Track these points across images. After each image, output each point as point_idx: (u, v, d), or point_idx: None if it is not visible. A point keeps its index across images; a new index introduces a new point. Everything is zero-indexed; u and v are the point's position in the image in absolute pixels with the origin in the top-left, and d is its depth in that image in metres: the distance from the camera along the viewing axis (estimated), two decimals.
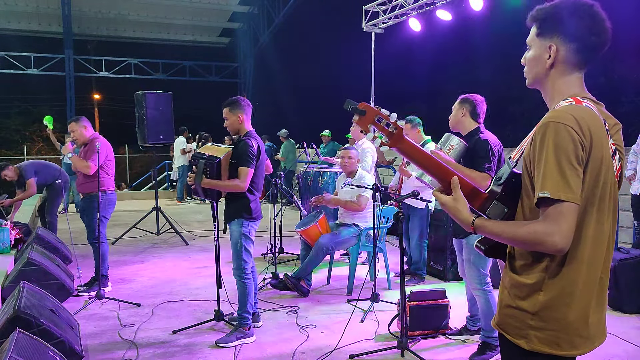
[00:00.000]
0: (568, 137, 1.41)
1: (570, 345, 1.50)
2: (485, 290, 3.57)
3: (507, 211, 1.60)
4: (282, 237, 6.66)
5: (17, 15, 18.76)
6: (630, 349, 3.75)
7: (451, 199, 1.63)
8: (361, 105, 1.65)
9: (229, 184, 3.85)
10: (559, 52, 1.56)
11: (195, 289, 5.32)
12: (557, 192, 1.39)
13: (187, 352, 3.75)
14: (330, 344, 3.83)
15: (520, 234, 1.46)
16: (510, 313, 1.57)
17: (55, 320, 3.42)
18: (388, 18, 9.72)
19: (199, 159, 3.88)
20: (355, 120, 1.65)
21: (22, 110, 26.84)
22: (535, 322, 1.51)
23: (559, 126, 1.42)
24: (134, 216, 9.02)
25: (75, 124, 5.17)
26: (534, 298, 1.51)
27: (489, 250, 1.71)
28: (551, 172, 1.41)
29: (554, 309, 1.49)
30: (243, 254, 3.93)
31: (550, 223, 1.41)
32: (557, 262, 1.49)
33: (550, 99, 1.62)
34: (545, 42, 1.58)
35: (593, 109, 1.52)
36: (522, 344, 1.53)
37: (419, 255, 5.50)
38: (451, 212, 1.64)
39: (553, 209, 1.41)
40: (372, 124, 1.64)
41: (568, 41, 1.54)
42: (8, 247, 5.98)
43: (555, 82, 1.59)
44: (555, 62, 1.57)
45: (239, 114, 3.99)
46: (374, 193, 4.35)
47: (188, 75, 22.14)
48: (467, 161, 3.50)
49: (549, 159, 1.41)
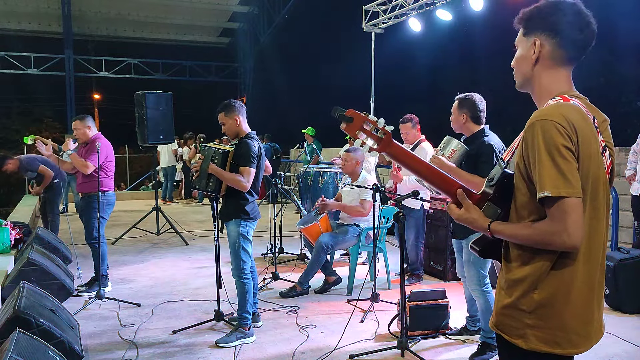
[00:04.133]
0: (556, 132, 1.42)
1: (569, 344, 1.50)
2: (484, 291, 3.56)
3: (500, 212, 1.61)
4: (282, 237, 6.66)
5: (17, 15, 18.77)
6: (630, 349, 3.75)
7: (463, 211, 1.65)
8: (349, 112, 1.66)
9: (233, 177, 3.83)
10: (543, 47, 1.58)
11: (195, 289, 5.32)
12: (556, 189, 1.40)
13: (187, 352, 3.75)
14: (330, 344, 3.83)
15: (531, 236, 1.48)
16: (507, 313, 1.58)
17: (55, 320, 3.42)
18: (388, 18, 9.72)
19: (209, 147, 3.91)
20: (343, 127, 1.66)
21: (22, 110, 26.86)
22: (533, 321, 1.51)
23: (546, 123, 1.43)
24: (133, 216, 9.02)
25: (80, 122, 5.17)
26: (530, 297, 1.52)
27: (483, 251, 1.72)
28: (547, 170, 1.41)
29: (550, 307, 1.49)
30: (241, 254, 3.93)
31: (555, 222, 1.42)
32: (551, 260, 1.49)
33: (539, 98, 1.63)
34: (530, 39, 1.60)
35: (581, 106, 1.52)
36: (520, 343, 1.54)
37: (415, 255, 5.51)
38: (467, 223, 1.65)
39: (556, 208, 1.41)
40: (360, 130, 1.66)
41: (551, 36, 1.56)
42: (8, 247, 5.98)
43: (541, 79, 1.61)
44: (540, 57, 1.59)
45: (234, 116, 3.98)
46: (374, 193, 4.35)
47: (188, 75, 22.16)
48: (470, 164, 3.41)
49: (542, 158, 1.42)
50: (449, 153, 3.36)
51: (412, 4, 9.00)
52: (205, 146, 3.96)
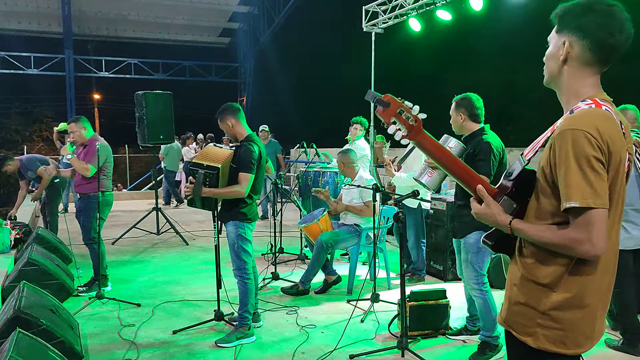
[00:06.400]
0: (587, 143, 1.40)
1: (575, 344, 1.51)
2: (482, 291, 3.56)
3: (516, 207, 1.60)
4: (282, 237, 6.66)
5: (17, 15, 18.79)
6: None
7: (484, 206, 1.63)
8: (385, 97, 1.64)
9: (229, 191, 3.83)
10: (572, 48, 1.54)
11: (195, 289, 5.32)
12: (584, 200, 1.39)
13: (187, 352, 3.75)
14: (330, 344, 3.83)
15: (554, 240, 1.47)
16: (518, 310, 1.58)
17: (55, 320, 3.42)
18: (388, 18, 9.70)
19: (198, 170, 3.80)
20: (379, 111, 1.64)
21: (22, 110, 26.82)
22: (544, 321, 1.52)
23: (577, 133, 1.41)
24: (133, 216, 9.01)
25: (75, 125, 5.14)
26: (546, 297, 1.52)
27: (496, 245, 1.70)
28: (576, 181, 1.40)
29: (564, 309, 1.50)
30: (242, 254, 3.93)
31: (580, 231, 1.41)
32: (569, 264, 1.49)
33: (566, 100, 1.59)
34: (561, 37, 1.56)
35: (612, 113, 1.50)
36: (529, 341, 1.54)
37: (416, 255, 5.51)
38: (487, 218, 1.63)
39: (582, 218, 1.41)
40: (394, 116, 1.63)
41: (581, 38, 1.52)
42: (8, 247, 5.98)
43: (569, 81, 1.57)
44: (569, 58, 1.55)
45: (227, 120, 3.98)
46: (374, 193, 4.35)
47: (188, 75, 22.18)
48: (467, 162, 3.46)
49: (571, 168, 1.41)
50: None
51: (412, 4, 8.99)
52: (194, 166, 3.84)
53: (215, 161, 3.83)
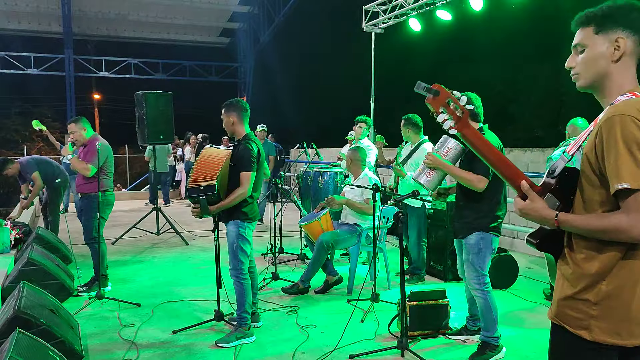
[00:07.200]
0: (635, 127, 1.44)
1: (630, 335, 1.51)
2: (484, 291, 3.56)
3: (559, 205, 1.61)
4: (282, 237, 6.66)
5: (17, 15, 18.80)
6: None
7: (528, 202, 1.63)
8: (435, 86, 1.66)
9: (234, 198, 3.83)
10: (626, 44, 1.58)
11: (195, 289, 5.32)
12: (636, 181, 1.41)
13: (187, 352, 3.75)
14: (330, 344, 3.83)
15: (604, 226, 1.48)
16: (569, 304, 1.58)
17: (55, 320, 3.42)
18: (388, 18, 9.71)
19: (198, 196, 3.77)
20: (429, 100, 1.65)
21: (22, 110, 26.81)
22: (598, 312, 1.52)
23: (625, 118, 1.45)
24: (133, 216, 9.01)
25: (75, 125, 5.15)
26: (597, 288, 1.52)
27: (541, 243, 1.69)
28: (626, 164, 1.43)
29: (617, 299, 1.51)
30: (239, 254, 3.93)
31: (632, 214, 1.42)
32: (622, 252, 1.50)
33: (608, 94, 1.62)
34: (609, 36, 1.59)
35: None
36: (584, 334, 1.54)
37: (417, 254, 5.51)
38: (531, 213, 1.62)
39: (633, 199, 1.42)
40: (443, 105, 1.65)
41: (632, 33, 1.57)
42: (8, 247, 5.99)
43: (616, 76, 1.60)
44: (623, 55, 1.59)
45: (231, 116, 3.99)
46: (374, 193, 4.36)
47: (188, 75, 22.18)
48: (466, 162, 3.50)
49: (621, 151, 1.43)
50: (444, 151, 3.47)
51: (412, 4, 9.00)
52: (192, 193, 3.79)
53: (213, 168, 3.80)
